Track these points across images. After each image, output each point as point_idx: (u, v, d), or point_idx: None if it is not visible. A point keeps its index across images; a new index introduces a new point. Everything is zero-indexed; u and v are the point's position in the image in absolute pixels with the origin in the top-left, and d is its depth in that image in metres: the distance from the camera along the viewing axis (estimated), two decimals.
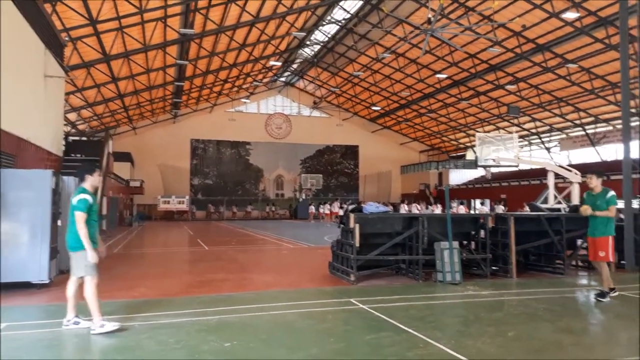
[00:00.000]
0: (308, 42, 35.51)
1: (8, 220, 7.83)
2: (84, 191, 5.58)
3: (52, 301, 7.15)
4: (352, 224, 8.59)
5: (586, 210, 7.24)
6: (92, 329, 5.36)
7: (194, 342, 5.02)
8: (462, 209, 29.79)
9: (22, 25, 10.65)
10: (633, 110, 20.58)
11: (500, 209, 26.59)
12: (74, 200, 5.49)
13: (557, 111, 33.38)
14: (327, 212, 38.86)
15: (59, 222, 8.56)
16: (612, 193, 7.22)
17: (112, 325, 5.37)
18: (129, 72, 25.83)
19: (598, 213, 7.15)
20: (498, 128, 39.85)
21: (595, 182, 7.37)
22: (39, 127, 12.12)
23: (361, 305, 6.74)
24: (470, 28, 23.31)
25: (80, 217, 5.43)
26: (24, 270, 7.82)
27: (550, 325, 5.75)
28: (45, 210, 8.03)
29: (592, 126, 33.50)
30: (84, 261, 5.45)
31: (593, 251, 7.34)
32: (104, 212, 16.50)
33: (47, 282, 7.96)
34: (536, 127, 37.79)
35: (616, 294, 7.24)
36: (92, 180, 5.70)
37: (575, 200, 17.36)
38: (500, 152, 19.42)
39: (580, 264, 10.78)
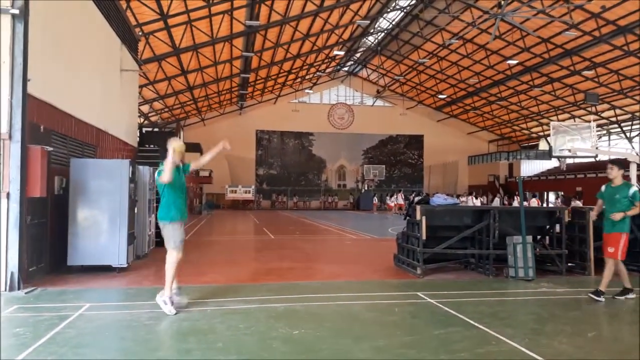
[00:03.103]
0: (372, 30, 35.11)
1: (89, 208, 8.33)
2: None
3: (131, 284, 7.56)
4: (418, 216, 8.42)
5: (616, 216, 6.66)
6: (158, 297, 5.73)
7: (263, 329, 5.13)
8: (534, 202, 28.50)
9: (100, 22, 11.24)
10: None
11: (577, 203, 24.66)
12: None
13: None
14: (392, 204, 38.25)
15: (136, 210, 9.02)
16: (635, 188, 6.73)
17: (169, 310, 5.60)
18: (198, 65, 26.68)
19: (630, 213, 6.62)
20: (574, 117, 37.60)
21: (616, 173, 6.92)
22: (115, 119, 12.78)
23: (428, 299, 6.61)
24: (543, 11, 22.06)
25: (164, 173, 5.71)
26: (105, 254, 8.30)
27: (633, 327, 5.39)
28: (123, 198, 8.46)
29: None
30: (171, 233, 5.85)
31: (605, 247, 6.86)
32: None
33: (125, 266, 8.42)
34: (616, 116, 35.34)
35: (633, 296, 6.70)
36: (174, 157, 5.86)
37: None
38: (576, 142, 18.22)
39: None
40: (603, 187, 7.17)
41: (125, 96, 13.94)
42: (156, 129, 30.81)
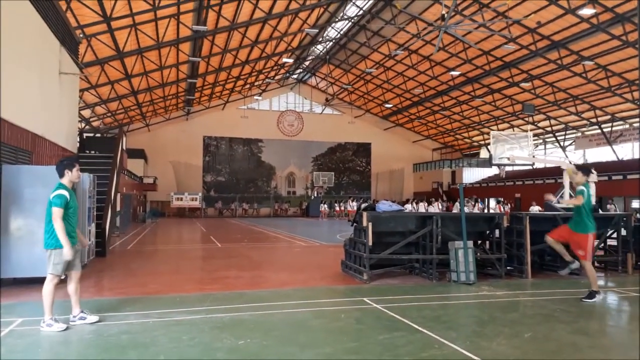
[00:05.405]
0: (320, 39, 35.45)
1: (24, 217, 7.90)
2: (62, 187, 5.57)
3: (68, 297, 7.16)
4: (364, 222, 8.54)
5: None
6: (40, 325, 5.36)
7: (208, 340, 5.03)
8: (476, 208, 29.56)
9: (37, 22, 10.74)
10: None
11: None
12: (51, 195, 5.48)
13: (572, 109, 32.97)
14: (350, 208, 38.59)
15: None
16: (582, 187, 7.26)
17: (59, 326, 5.33)
18: (143, 69, 26.00)
19: (565, 201, 7.11)
20: (512, 126, 39.47)
21: (580, 179, 7.41)
22: (54, 124, 12.22)
23: (374, 305, 6.70)
24: (484, 25, 23.07)
25: (57, 212, 5.42)
26: (40, 265, 7.79)
27: (566, 326, 5.67)
28: None
29: (609, 124, 33.04)
30: (53, 258, 5.53)
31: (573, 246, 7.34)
32: (118, 208, 16.63)
33: (63, 277, 8.00)
34: (551, 126, 37.39)
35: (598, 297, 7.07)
36: (71, 176, 5.68)
37: (592, 199, 17.11)
38: (515, 150, 19.14)
39: (596, 264, 10.62)
40: None
41: (64, 100, 13.36)
42: (98, 135, 29.72)
